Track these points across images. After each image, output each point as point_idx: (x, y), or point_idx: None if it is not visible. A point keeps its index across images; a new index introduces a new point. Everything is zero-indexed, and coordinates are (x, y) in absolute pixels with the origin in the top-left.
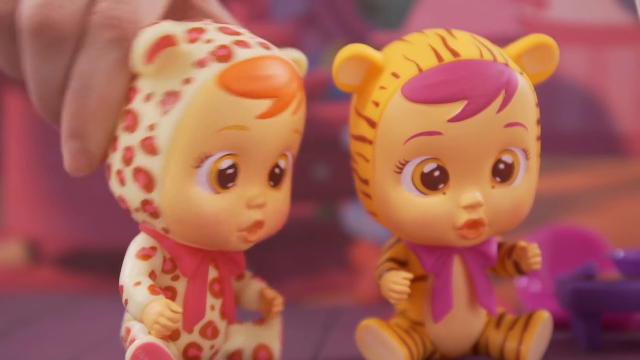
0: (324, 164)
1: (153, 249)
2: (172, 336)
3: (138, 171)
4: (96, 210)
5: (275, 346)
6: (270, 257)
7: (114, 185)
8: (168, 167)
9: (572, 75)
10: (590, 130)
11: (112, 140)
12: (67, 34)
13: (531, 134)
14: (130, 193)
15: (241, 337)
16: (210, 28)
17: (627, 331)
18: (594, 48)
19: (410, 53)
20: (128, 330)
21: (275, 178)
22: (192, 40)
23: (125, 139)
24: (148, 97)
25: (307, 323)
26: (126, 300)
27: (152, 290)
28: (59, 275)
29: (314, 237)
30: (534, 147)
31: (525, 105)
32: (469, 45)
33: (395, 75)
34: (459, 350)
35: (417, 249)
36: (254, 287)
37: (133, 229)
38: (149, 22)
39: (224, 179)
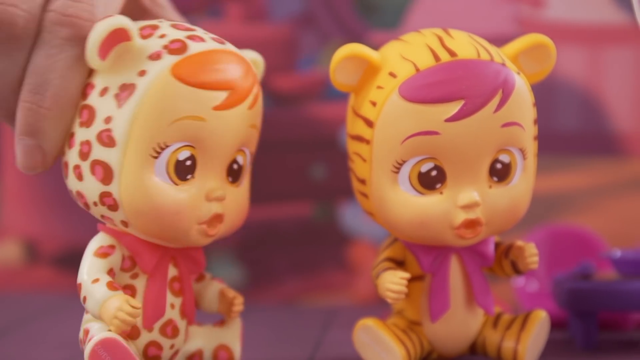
0: (321, 163)
1: (111, 247)
2: (132, 335)
3: (95, 164)
4: None
5: (236, 347)
6: (268, 256)
7: (72, 181)
8: (125, 157)
9: (569, 75)
10: (587, 130)
11: (68, 137)
12: (22, 31)
13: (528, 133)
14: (88, 187)
15: (201, 338)
16: (164, 25)
17: (624, 331)
18: (591, 48)
19: (407, 53)
20: (87, 332)
21: (233, 174)
22: (146, 36)
23: (82, 134)
24: (103, 92)
25: (305, 323)
26: (84, 298)
27: (111, 286)
28: (56, 275)
29: (311, 237)
30: (531, 147)
31: (522, 105)
32: (466, 45)
33: (392, 74)
34: (457, 349)
35: (415, 249)
36: (214, 288)
37: None
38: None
39: (183, 171)
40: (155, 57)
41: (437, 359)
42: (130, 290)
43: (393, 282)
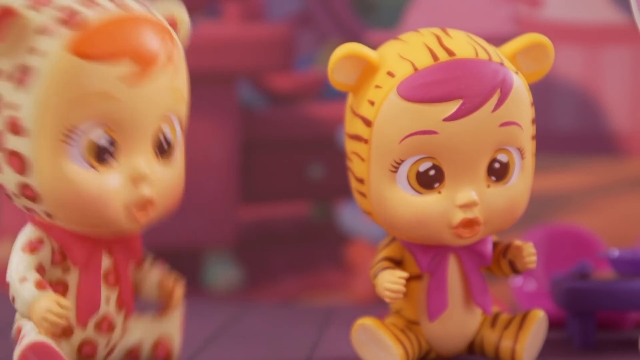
0: (319, 163)
1: (40, 241)
2: (65, 333)
3: (10, 154)
4: None
5: (176, 339)
6: (266, 256)
7: None
8: (37, 146)
9: (567, 74)
10: (585, 130)
11: None
12: None
13: (526, 133)
14: (7, 178)
15: (140, 330)
16: None
17: (622, 330)
18: (589, 47)
19: (405, 52)
20: (19, 330)
21: (161, 148)
22: (35, 8)
23: None
24: (2, 76)
25: (302, 322)
26: (13, 298)
27: (39, 285)
28: None
29: (309, 236)
30: (529, 147)
31: (521, 104)
32: (464, 44)
33: (390, 74)
34: (454, 349)
35: (413, 248)
36: (154, 275)
37: None
38: None
39: (101, 153)
40: (49, 32)
41: (435, 359)
42: (61, 286)
43: (391, 281)
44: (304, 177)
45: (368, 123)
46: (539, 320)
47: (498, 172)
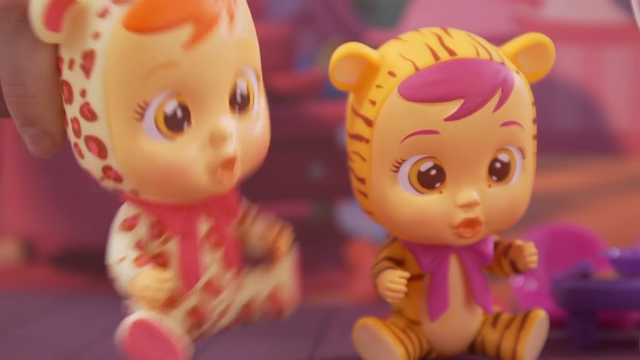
0: (319, 162)
1: (135, 217)
2: (171, 303)
3: (88, 140)
4: (91, 209)
5: (288, 288)
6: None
7: (79, 160)
8: (111, 128)
9: (567, 74)
10: (586, 129)
11: (63, 115)
12: None
13: (527, 133)
14: (91, 164)
15: (252, 285)
16: None
17: (622, 330)
18: (589, 47)
19: (406, 52)
20: (127, 309)
21: (239, 103)
22: None
23: (70, 111)
24: (71, 64)
25: (303, 322)
26: (115, 279)
27: (138, 262)
28: (53, 274)
29: (309, 236)
30: (530, 146)
31: (522, 104)
32: (465, 44)
33: (391, 74)
34: (456, 349)
35: (414, 248)
36: (257, 228)
37: None
38: None
39: (176, 123)
40: (104, 13)
41: (437, 358)
42: (162, 257)
43: (392, 281)
44: (304, 177)
45: (369, 123)
46: (540, 320)
47: (499, 171)
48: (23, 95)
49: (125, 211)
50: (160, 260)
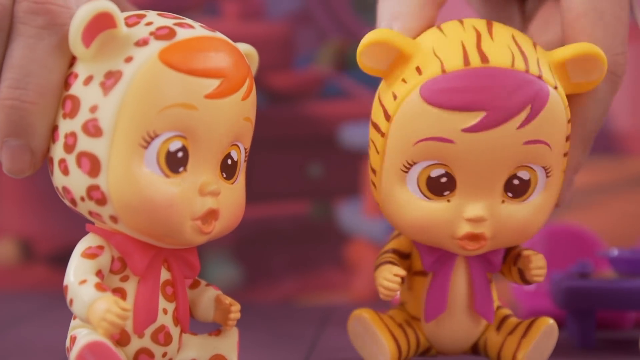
0: (318, 162)
1: (100, 247)
2: (122, 341)
3: (82, 156)
4: None
5: (233, 358)
6: (265, 255)
7: (57, 177)
8: (113, 148)
9: None
10: None
11: (52, 131)
12: None
13: (556, 151)
14: (75, 181)
15: (196, 348)
16: (150, 13)
17: (621, 330)
18: None
19: (440, 48)
20: (73, 340)
21: (228, 169)
22: (132, 24)
23: (67, 126)
24: (87, 80)
25: (302, 321)
26: (71, 300)
27: (99, 287)
28: (51, 273)
29: (308, 236)
30: (559, 164)
31: (553, 122)
32: (502, 49)
33: (418, 70)
34: (456, 349)
35: (420, 245)
36: (209, 295)
37: None
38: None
39: (174, 162)
40: (142, 43)
41: (437, 356)
42: (120, 293)
43: (386, 278)
44: (303, 176)
45: (388, 117)
46: (545, 329)
47: (517, 188)
48: (21, 100)
49: (90, 239)
50: (116, 296)
